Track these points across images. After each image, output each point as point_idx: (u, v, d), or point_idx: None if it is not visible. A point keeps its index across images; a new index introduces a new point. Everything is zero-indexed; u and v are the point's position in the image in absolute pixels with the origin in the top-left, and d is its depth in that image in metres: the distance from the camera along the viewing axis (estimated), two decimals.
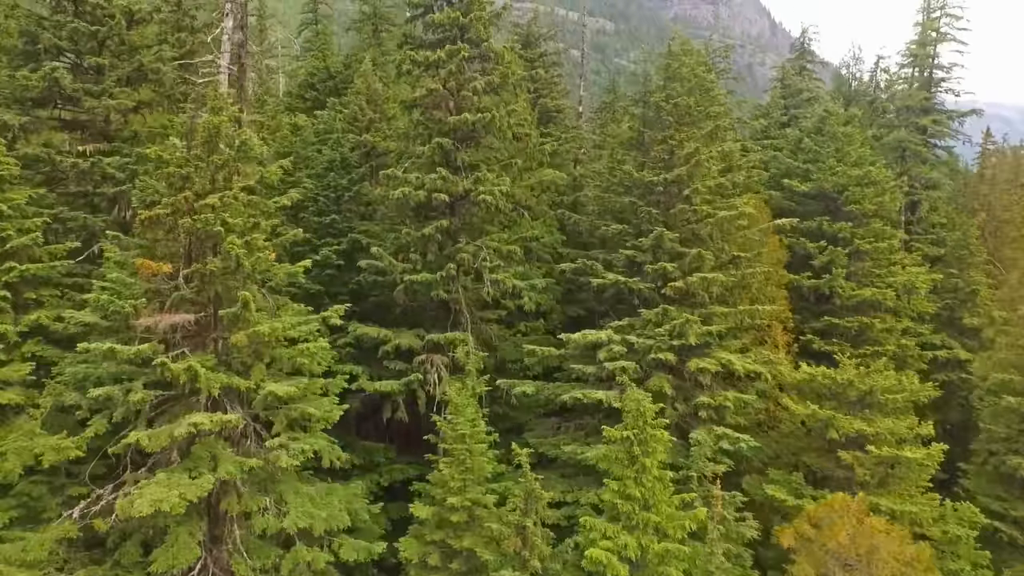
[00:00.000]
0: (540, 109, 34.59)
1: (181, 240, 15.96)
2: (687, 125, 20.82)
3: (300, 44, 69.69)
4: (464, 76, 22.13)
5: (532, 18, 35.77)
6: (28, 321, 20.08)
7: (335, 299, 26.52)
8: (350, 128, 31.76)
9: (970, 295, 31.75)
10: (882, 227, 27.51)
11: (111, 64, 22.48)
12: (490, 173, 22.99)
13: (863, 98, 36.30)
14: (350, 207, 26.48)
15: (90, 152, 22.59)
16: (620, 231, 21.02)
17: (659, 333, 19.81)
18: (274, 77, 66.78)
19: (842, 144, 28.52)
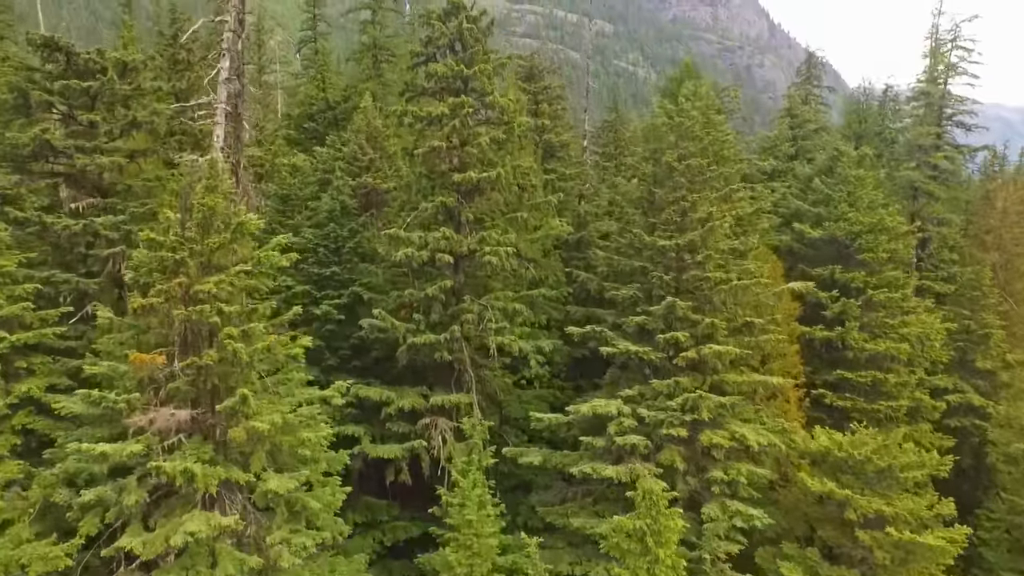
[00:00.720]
0: (544, 144, 33.94)
1: (176, 328, 15.28)
2: (700, 186, 20.18)
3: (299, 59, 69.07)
4: (468, 131, 21.49)
5: (535, 51, 35.05)
6: (19, 392, 19.48)
7: (336, 353, 26.00)
8: (350, 168, 31.17)
9: (983, 337, 31.13)
10: (895, 275, 26.89)
11: (104, 119, 21.78)
12: (495, 229, 22.38)
13: (872, 128, 35.64)
14: (351, 258, 25.83)
15: (83, 208, 21.95)
16: (631, 296, 20.37)
17: (670, 406, 19.20)
18: (272, 94, 66.07)
19: (854, 188, 27.89)
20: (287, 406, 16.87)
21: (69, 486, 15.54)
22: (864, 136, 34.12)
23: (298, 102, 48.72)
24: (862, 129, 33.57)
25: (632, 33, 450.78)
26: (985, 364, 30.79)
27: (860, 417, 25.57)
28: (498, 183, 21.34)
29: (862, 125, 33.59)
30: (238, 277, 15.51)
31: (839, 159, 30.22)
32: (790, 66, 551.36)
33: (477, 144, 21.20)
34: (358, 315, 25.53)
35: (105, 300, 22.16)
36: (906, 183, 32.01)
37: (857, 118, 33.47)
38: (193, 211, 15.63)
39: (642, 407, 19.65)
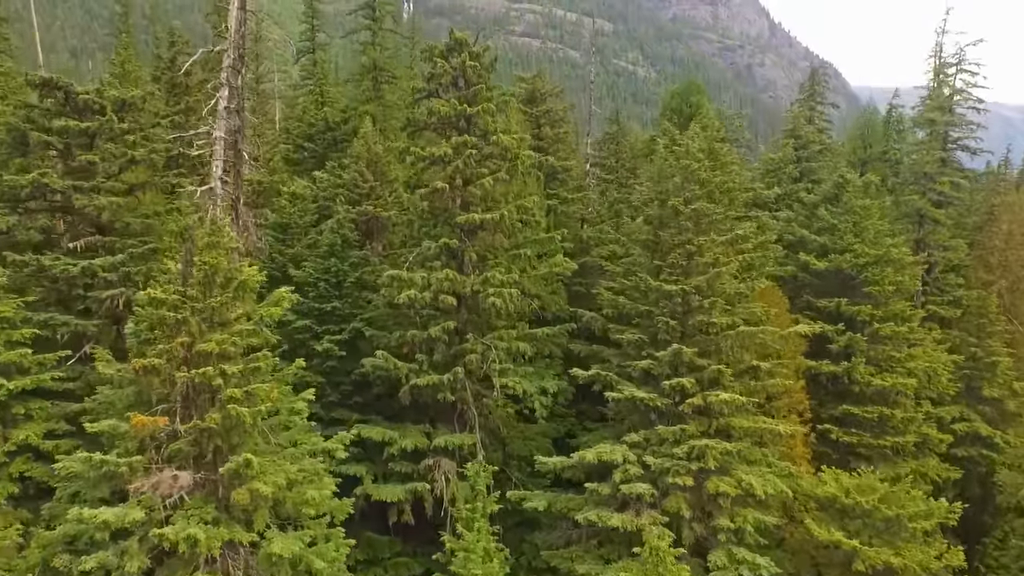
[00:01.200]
0: (546, 168, 33.68)
1: (178, 388, 15.06)
2: (706, 229, 19.97)
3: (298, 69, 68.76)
4: (471, 171, 21.26)
5: (537, 74, 34.82)
6: (17, 439, 19.30)
7: (337, 388, 25.77)
8: (350, 195, 30.92)
9: (990, 365, 30.94)
10: (901, 307, 26.69)
11: (103, 158, 21.54)
12: (498, 268, 22.15)
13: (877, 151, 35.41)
14: (352, 292, 25.60)
15: (81, 247, 21.74)
16: (636, 340, 20.16)
17: (676, 454, 19.00)
18: (271, 102, 65.68)
19: (860, 218, 27.67)
20: (290, 460, 16.68)
21: (69, 547, 15.33)
22: (869, 161, 33.91)
23: (297, 116, 48.49)
24: (867, 155, 33.35)
25: (632, 32, 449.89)
26: (992, 392, 30.61)
27: (867, 453, 25.47)
28: (501, 223, 21.11)
29: (867, 151, 33.36)
30: (241, 336, 15.29)
31: (845, 187, 30.02)
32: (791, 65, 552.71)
33: (480, 185, 20.96)
34: (359, 350, 25.32)
35: (104, 339, 22.02)
36: (912, 210, 31.80)
37: (862, 143, 33.23)
38: (195, 268, 15.40)
39: (647, 453, 19.47)
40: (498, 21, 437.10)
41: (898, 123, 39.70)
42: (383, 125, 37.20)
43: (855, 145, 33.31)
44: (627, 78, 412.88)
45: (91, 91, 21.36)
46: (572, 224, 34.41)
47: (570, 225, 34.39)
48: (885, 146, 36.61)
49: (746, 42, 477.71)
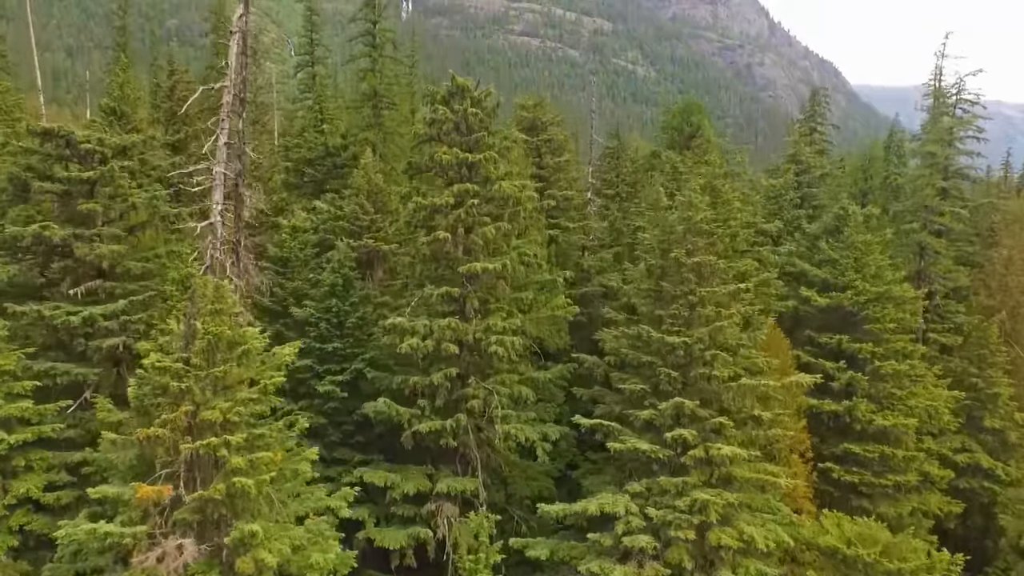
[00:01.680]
0: (547, 198, 33.67)
1: (182, 456, 15.06)
2: (708, 280, 19.97)
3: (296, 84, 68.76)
4: (473, 219, 21.25)
5: (537, 103, 34.78)
6: (17, 492, 19.30)
7: (339, 428, 25.78)
8: (350, 227, 30.91)
9: (991, 397, 30.96)
10: (903, 345, 26.71)
11: (104, 206, 21.51)
12: (499, 313, 22.17)
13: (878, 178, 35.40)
14: (353, 332, 25.59)
15: (82, 293, 21.70)
16: (639, 391, 20.16)
17: (678, 506, 19.02)
18: (270, 113, 65.61)
19: (861, 253, 27.68)
20: (294, 520, 16.71)
21: None
22: (870, 192, 33.92)
23: (296, 132, 48.46)
24: (867, 186, 33.35)
25: (631, 31, 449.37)
26: (993, 423, 30.63)
27: (868, 491, 25.50)
28: (503, 272, 21.11)
29: (868, 182, 33.36)
30: (245, 405, 15.29)
31: (846, 220, 30.03)
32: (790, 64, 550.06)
33: (482, 234, 20.96)
34: (361, 390, 25.34)
35: (104, 383, 22.00)
36: (912, 242, 31.80)
37: (863, 175, 33.23)
38: (198, 336, 15.39)
39: (649, 504, 19.48)
40: (497, 20, 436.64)
41: (899, 148, 39.67)
42: (383, 151, 37.22)
43: (856, 177, 33.27)
44: (627, 77, 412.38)
45: (92, 139, 21.31)
46: (573, 252, 34.45)
47: (571, 253, 34.45)
48: (886, 171, 36.58)
49: (746, 41, 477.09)
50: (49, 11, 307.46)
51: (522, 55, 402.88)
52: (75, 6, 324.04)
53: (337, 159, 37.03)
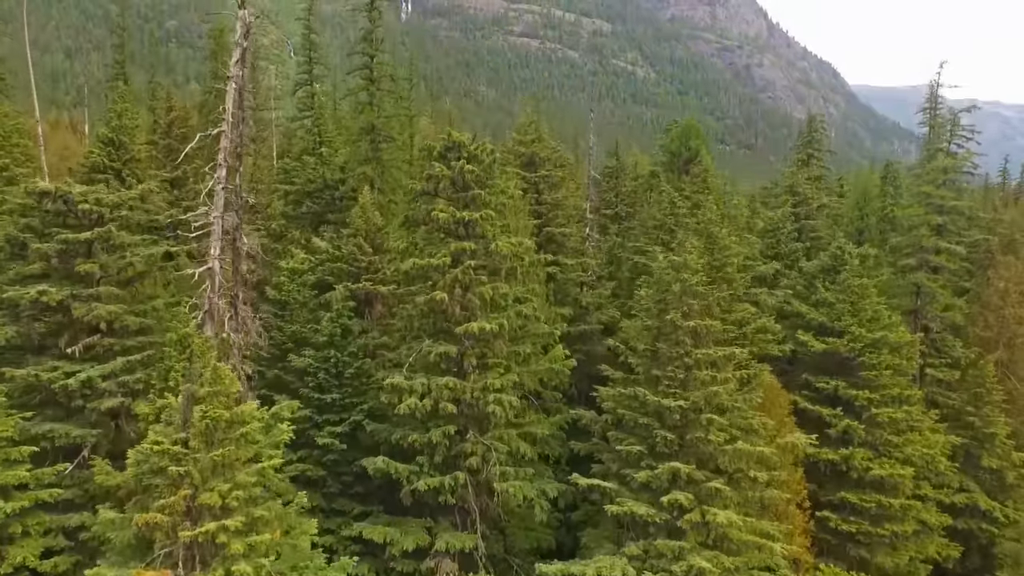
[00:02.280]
0: (545, 236, 33.75)
1: (181, 541, 15.11)
2: (704, 342, 20.04)
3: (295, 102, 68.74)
4: (471, 278, 21.28)
5: (535, 138, 34.80)
6: (14, 560, 19.33)
7: (338, 479, 25.81)
8: (349, 269, 30.96)
9: (988, 436, 31.06)
10: (899, 391, 26.79)
11: (102, 266, 21.56)
12: (497, 369, 22.22)
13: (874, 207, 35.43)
14: (352, 382, 25.64)
15: (80, 351, 21.75)
16: (636, 452, 20.23)
17: (675, 572, 19.09)
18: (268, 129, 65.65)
19: (857, 298, 27.74)
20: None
21: None
22: (866, 231, 34.00)
23: (295, 155, 48.44)
24: (864, 224, 33.43)
25: (630, 32, 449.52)
26: (991, 463, 30.73)
27: (866, 540, 25.57)
28: (501, 332, 21.17)
29: (864, 220, 33.42)
30: (244, 488, 15.33)
31: (843, 259, 30.11)
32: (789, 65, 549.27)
33: (479, 294, 21.02)
34: (360, 441, 25.39)
35: (102, 442, 22.03)
36: (909, 281, 31.87)
37: (859, 214, 33.29)
38: (196, 419, 15.43)
39: (646, 567, 19.55)
40: (497, 21, 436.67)
41: (894, 179, 39.72)
42: (381, 184, 37.24)
43: (853, 216, 33.34)
44: (626, 78, 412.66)
45: (89, 198, 21.32)
46: (571, 288, 34.50)
47: (569, 289, 34.49)
48: (882, 204, 36.64)
49: (744, 42, 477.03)
50: (48, 12, 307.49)
51: (521, 56, 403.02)
52: (74, 7, 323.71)
53: (335, 192, 37.03)
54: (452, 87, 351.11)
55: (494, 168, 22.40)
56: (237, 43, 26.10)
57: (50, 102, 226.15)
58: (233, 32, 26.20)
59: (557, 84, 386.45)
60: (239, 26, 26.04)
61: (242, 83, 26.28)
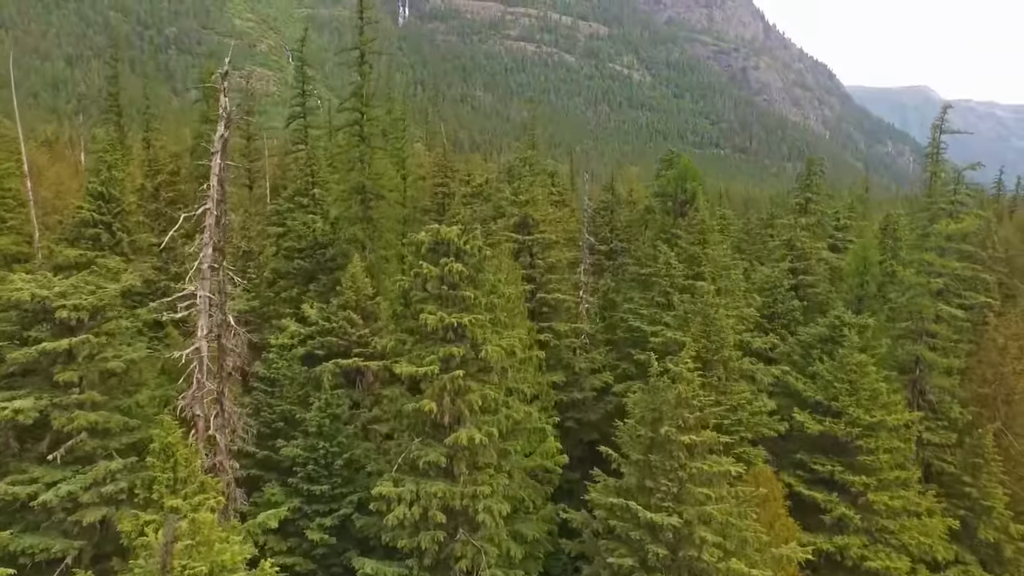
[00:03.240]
0: (537, 302, 33.32)
1: None
2: (699, 455, 19.62)
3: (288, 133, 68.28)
4: (460, 384, 20.83)
5: (528, 199, 34.32)
6: None
7: (328, 571, 25.41)
8: (339, 342, 30.55)
9: (986, 508, 30.67)
10: (896, 475, 26.42)
11: (81, 375, 21.07)
12: (487, 470, 21.79)
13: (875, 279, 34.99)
14: (342, 472, 25.21)
15: (61, 456, 21.27)
16: (628, 568, 19.81)
17: None
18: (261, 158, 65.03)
19: (856, 377, 27.35)
20: None
21: None
22: (865, 299, 33.58)
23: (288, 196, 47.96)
24: (864, 292, 33.00)
25: (627, 36, 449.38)
26: (988, 535, 30.34)
27: None
28: (491, 441, 20.73)
29: (864, 288, 32.99)
30: None
31: (841, 330, 29.73)
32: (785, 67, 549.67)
33: (468, 402, 20.58)
34: (350, 532, 24.98)
35: (85, 551, 21.58)
36: (907, 352, 31.47)
37: (860, 280, 32.84)
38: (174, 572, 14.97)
39: None
40: (494, 25, 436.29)
41: (894, 231, 39.32)
42: (372, 245, 36.77)
43: (852, 283, 32.89)
44: (622, 82, 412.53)
45: (68, 304, 20.82)
46: (564, 353, 34.07)
47: (561, 354, 34.07)
48: (883, 257, 36.18)
49: (741, 45, 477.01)
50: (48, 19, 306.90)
51: (518, 60, 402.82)
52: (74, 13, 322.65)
53: (327, 251, 36.56)
54: (449, 92, 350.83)
55: (484, 263, 21.94)
56: (221, 115, 25.74)
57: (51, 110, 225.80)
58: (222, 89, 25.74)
59: (553, 88, 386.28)
60: (221, 111, 25.65)
61: (227, 159, 25.94)
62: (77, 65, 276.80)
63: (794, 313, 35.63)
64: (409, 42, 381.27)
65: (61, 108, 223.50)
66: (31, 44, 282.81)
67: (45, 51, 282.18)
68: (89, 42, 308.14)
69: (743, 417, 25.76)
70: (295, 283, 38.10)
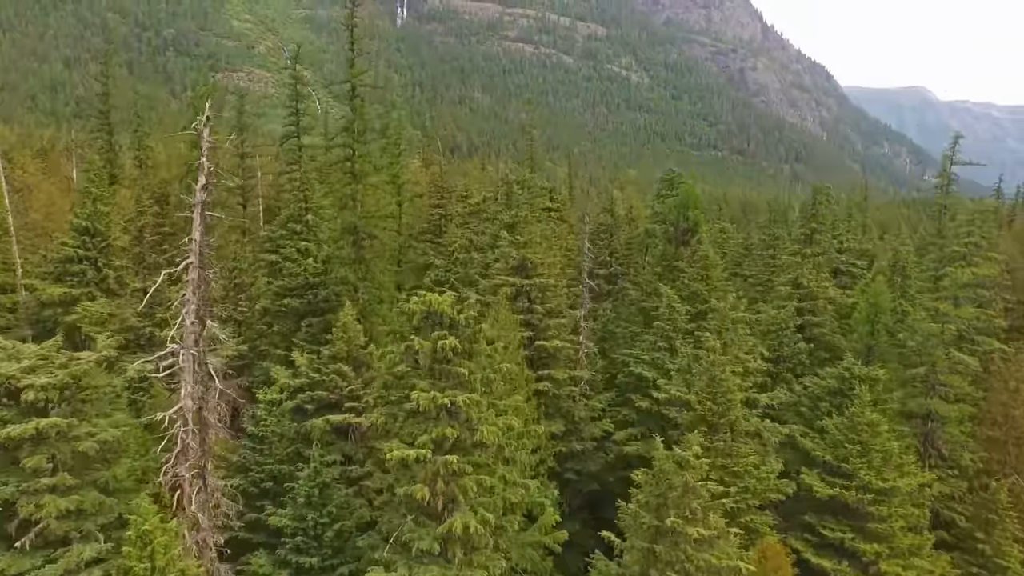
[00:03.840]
0: (535, 350, 32.18)
1: None
2: (706, 548, 18.50)
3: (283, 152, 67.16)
4: (454, 468, 19.67)
5: (527, 240, 33.15)
6: None
7: None
8: (329, 397, 29.41)
9: (999, 567, 29.61)
10: (911, 542, 25.33)
11: (50, 459, 19.88)
12: (483, 552, 20.66)
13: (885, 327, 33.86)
14: (332, 543, 24.06)
15: (31, 541, 20.05)
16: None
17: None
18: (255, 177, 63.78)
19: (867, 437, 26.24)
20: None
21: None
22: (875, 349, 32.47)
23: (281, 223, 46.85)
24: (874, 341, 31.87)
25: (625, 36, 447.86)
26: None
27: None
28: (487, 527, 19.59)
29: (874, 336, 31.85)
30: None
31: (850, 383, 28.65)
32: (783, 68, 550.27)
33: (463, 487, 19.43)
34: None
35: None
36: (919, 405, 30.38)
37: (869, 329, 31.73)
38: None
39: None
40: (492, 26, 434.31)
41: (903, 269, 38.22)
42: (365, 287, 35.60)
43: (863, 331, 31.75)
44: (620, 84, 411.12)
45: (35, 385, 19.60)
46: (562, 401, 32.94)
47: (560, 403, 32.95)
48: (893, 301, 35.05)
49: (739, 46, 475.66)
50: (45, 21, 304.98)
51: (516, 61, 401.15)
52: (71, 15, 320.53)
53: (318, 293, 35.40)
54: (447, 94, 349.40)
55: (480, 335, 20.79)
56: (200, 170, 24.63)
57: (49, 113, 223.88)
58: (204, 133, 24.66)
59: (551, 90, 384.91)
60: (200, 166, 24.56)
61: (208, 212, 24.88)
62: (75, 67, 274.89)
63: (800, 356, 34.55)
64: (407, 43, 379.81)
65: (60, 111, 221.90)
66: (29, 46, 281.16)
67: (43, 53, 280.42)
68: (87, 44, 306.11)
69: (750, 484, 24.64)
70: (286, 322, 37.00)
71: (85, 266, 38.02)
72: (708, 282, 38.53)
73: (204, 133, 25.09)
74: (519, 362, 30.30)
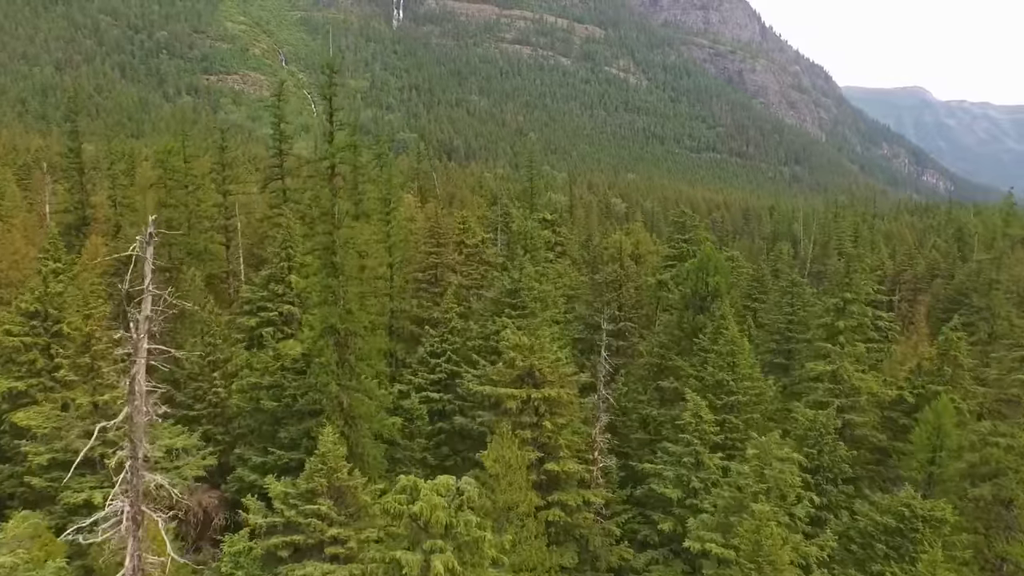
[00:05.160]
0: (544, 473, 28.11)
1: None
2: None
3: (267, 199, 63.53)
4: None
5: (531, 344, 28.99)
6: None
7: None
8: (307, 541, 25.30)
9: None
10: None
11: None
12: None
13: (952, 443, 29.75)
14: None
15: None
16: None
17: None
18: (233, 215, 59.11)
19: None
20: None
21: None
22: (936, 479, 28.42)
23: (261, 283, 42.92)
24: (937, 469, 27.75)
25: (623, 38, 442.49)
26: None
27: None
28: None
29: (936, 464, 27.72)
30: None
31: (913, 524, 24.63)
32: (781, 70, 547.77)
33: None
34: None
35: None
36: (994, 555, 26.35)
37: (930, 457, 27.64)
38: None
39: None
40: (489, 28, 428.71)
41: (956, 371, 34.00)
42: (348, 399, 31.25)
43: (922, 459, 27.51)
44: (618, 86, 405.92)
45: None
46: (576, 529, 28.86)
47: (572, 530, 28.88)
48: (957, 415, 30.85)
49: (738, 47, 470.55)
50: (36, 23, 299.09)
51: (513, 63, 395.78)
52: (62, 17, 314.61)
53: (296, 400, 31.27)
54: (444, 96, 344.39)
55: (485, 544, 16.72)
56: (145, 292, 20.36)
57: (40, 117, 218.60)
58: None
59: (549, 92, 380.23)
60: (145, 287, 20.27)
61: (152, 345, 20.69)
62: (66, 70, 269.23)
63: (842, 466, 30.53)
64: (403, 45, 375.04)
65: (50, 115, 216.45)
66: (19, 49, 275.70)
67: (34, 56, 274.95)
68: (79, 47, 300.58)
69: None
70: (262, 419, 32.98)
71: (35, 354, 33.99)
72: (735, 370, 34.50)
73: (148, 253, 20.78)
74: (525, 486, 26.40)
